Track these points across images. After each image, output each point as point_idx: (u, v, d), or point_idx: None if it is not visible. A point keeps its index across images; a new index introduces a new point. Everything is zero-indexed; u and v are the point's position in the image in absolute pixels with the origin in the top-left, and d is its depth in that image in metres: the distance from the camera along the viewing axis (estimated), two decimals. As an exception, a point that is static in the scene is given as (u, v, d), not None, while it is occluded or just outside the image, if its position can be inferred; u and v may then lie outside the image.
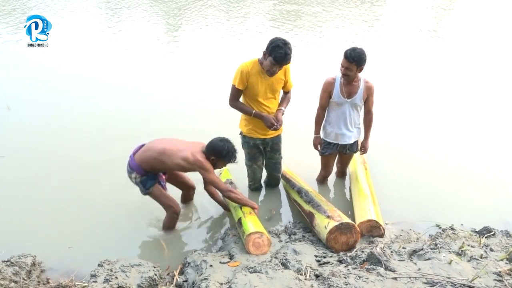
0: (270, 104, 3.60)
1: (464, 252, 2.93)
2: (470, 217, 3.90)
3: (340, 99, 3.72)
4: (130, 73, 7.36)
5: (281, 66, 3.32)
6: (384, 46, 10.07)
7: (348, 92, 3.70)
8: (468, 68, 8.55)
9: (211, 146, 3.29)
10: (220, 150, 3.26)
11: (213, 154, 3.28)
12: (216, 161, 3.32)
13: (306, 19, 12.09)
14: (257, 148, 3.80)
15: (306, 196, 3.72)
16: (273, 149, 3.88)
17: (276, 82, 3.55)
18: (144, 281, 2.67)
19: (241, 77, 3.42)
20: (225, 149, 3.26)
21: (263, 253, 3.07)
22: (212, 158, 3.29)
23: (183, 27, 10.98)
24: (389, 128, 5.60)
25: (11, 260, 2.85)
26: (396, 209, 3.97)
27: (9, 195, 3.98)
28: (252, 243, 3.05)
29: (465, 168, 4.84)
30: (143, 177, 3.38)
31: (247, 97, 3.56)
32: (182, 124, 5.49)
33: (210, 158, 3.29)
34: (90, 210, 3.85)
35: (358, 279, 2.55)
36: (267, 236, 3.11)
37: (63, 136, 5.09)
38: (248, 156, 3.87)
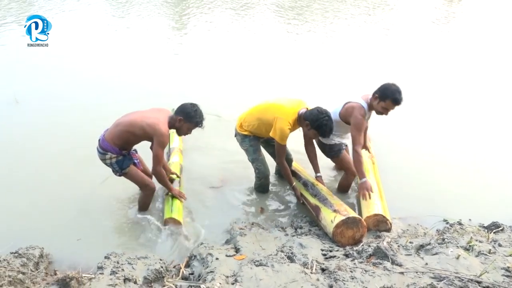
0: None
1: (472, 247, 2.91)
2: (478, 212, 3.87)
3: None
4: (136, 69, 7.34)
5: None
6: (393, 38, 10.00)
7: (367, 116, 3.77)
8: (478, 64, 8.45)
9: (181, 108, 3.41)
10: (189, 111, 3.35)
11: (182, 114, 3.36)
12: (182, 123, 3.37)
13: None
14: (258, 140, 3.88)
15: (312, 190, 3.71)
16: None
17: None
18: (151, 273, 2.68)
19: (285, 136, 3.55)
20: (194, 110, 3.36)
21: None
22: (180, 119, 3.34)
23: (189, 22, 10.94)
24: (397, 123, 5.55)
25: (19, 252, 2.87)
26: (404, 204, 3.95)
27: (17, 188, 4.00)
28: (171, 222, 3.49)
29: (474, 163, 4.79)
30: (119, 157, 3.42)
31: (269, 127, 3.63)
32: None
33: (177, 119, 3.35)
34: (97, 202, 3.86)
35: (365, 273, 2.54)
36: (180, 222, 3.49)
37: (70, 129, 5.09)
38: (251, 149, 3.85)
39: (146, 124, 3.25)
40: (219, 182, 4.30)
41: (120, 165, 3.45)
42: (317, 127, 3.40)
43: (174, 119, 3.38)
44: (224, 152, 4.74)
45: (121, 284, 2.47)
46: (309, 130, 3.50)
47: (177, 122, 3.37)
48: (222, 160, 4.64)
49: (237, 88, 6.65)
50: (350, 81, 6.95)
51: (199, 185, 4.24)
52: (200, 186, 4.23)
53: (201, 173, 4.43)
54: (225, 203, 4.01)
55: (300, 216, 3.80)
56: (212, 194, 4.12)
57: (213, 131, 4.39)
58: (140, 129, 3.28)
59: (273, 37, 9.73)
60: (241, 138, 3.86)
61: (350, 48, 9.06)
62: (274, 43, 9.23)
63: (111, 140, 3.36)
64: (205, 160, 4.67)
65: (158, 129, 3.22)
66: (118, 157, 3.42)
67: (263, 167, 3.93)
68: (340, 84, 6.86)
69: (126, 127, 3.33)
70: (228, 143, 4.49)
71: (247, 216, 3.83)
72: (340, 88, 6.55)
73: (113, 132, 3.37)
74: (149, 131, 3.25)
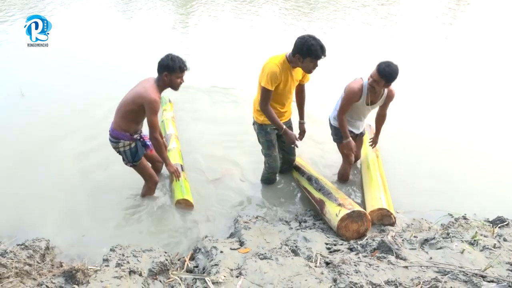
0: (288, 100, 3.65)
1: (477, 241, 2.90)
2: (483, 206, 3.85)
3: (362, 105, 3.73)
4: (141, 58, 7.31)
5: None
6: (399, 33, 9.93)
7: (371, 100, 3.70)
8: (484, 59, 8.37)
9: (159, 65, 3.28)
10: (168, 63, 3.24)
11: (163, 69, 3.26)
12: (170, 77, 3.27)
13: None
14: (274, 134, 3.78)
15: (316, 184, 3.71)
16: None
17: (298, 76, 3.55)
18: (155, 266, 2.69)
19: (274, 78, 3.35)
20: (170, 59, 3.24)
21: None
22: (165, 74, 3.25)
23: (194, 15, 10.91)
24: (402, 116, 5.53)
25: (26, 244, 2.89)
26: (408, 198, 3.94)
27: (22, 180, 4.03)
28: (183, 203, 3.68)
29: (478, 157, 4.77)
30: (132, 144, 3.44)
31: (273, 94, 3.49)
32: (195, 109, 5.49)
33: (163, 77, 3.26)
34: (103, 195, 3.88)
35: (369, 267, 2.54)
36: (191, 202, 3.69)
37: (75, 122, 5.11)
38: (266, 144, 3.80)
39: (135, 96, 3.27)
40: (219, 173, 4.32)
41: (133, 156, 3.49)
42: (307, 51, 3.20)
43: (161, 79, 3.30)
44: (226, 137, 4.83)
45: (126, 276, 2.49)
46: (303, 62, 3.30)
47: (164, 79, 3.29)
48: (224, 146, 4.73)
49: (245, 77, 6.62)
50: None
51: (199, 175, 4.26)
52: (201, 176, 4.25)
53: (200, 162, 4.47)
54: (228, 195, 4.01)
55: (304, 210, 3.80)
56: (213, 185, 4.13)
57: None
58: (133, 103, 3.28)
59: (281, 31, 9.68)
60: (258, 129, 3.77)
61: (358, 41, 9.01)
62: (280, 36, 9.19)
63: (118, 127, 3.39)
64: (206, 148, 4.72)
65: (146, 96, 3.20)
66: (131, 144, 3.45)
67: (274, 164, 3.91)
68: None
69: (123, 107, 3.36)
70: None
71: (251, 209, 3.84)
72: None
73: (116, 119, 3.41)
74: (139, 101, 3.24)
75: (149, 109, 3.22)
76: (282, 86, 3.43)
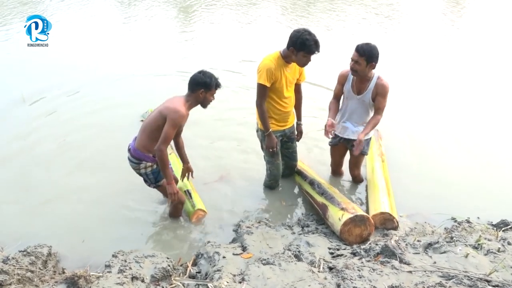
0: (290, 94, 3.62)
1: (481, 245, 2.89)
2: (487, 210, 3.83)
3: (350, 94, 3.65)
4: (146, 62, 7.34)
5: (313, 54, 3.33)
6: (399, 33, 9.93)
7: (358, 89, 3.59)
8: (488, 59, 8.35)
9: (194, 81, 3.22)
10: (205, 80, 3.19)
11: (199, 86, 3.20)
12: (205, 94, 3.23)
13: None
14: (277, 142, 3.75)
15: (319, 188, 3.70)
16: (289, 138, 3.90)
17: (294, 74, 3.55)
18: (158, 272, 2.68)
19: (270, 74, 3.37)
20: (208, 77, 3.21)
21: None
22: (202, 91, 3.20)
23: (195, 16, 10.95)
24: (407, 120, 5.53)
25: (28, 250, 2.89)
26: (411, 201, 3.92)
27: (24, 186, 4.03)
28: (196, 215, 3.65)
29: (481, 161, 4.75)
30: (154, 165, 3.32)
31: (271, 93, 3.51)
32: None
33: (199, 93, 3.20)
34: (104, 201, 3.88)
35: (372, 272, 2.53)
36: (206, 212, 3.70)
37: (75, 126, 5.11)
38: (269, 151, 3.77)
39: (163, 109, 3.18)
40: (218, 176, 4.32)
41: (156, 177, 3.38)
42: (301, 45, 3.22)
43: (194, 96, 3.23)
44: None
45: (129, 283, 2.48)
46: (297, 56, 3.31)
47: (199, 96, 3.22)
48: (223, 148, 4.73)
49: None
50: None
51: (197, 179, 4.13)
52: (200, 180, 4.16)
53: (199, 165, 4.35)
54: (229, 199, 4.00)
55: (307, 214, 3.78)
56: (217, 192, 4.12)
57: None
58: (160, 117, 3.17)
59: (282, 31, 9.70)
60: (261, 136, 3.75)
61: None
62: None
63: (143, 147, 3.26)
64: (204, 151, 4.71)
65: (172, 107, 3.12)
66: (153, 165, 3.33)
67: (276, 172, 3.92)
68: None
69: (150, 125, 3.24)
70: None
71: (253, 214, 3.82)
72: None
73: (142, 138, 3.27)
74: (165, 113, 3.14)
75: (170, 120, 3.10)
76: (279, 82, 3.45)
